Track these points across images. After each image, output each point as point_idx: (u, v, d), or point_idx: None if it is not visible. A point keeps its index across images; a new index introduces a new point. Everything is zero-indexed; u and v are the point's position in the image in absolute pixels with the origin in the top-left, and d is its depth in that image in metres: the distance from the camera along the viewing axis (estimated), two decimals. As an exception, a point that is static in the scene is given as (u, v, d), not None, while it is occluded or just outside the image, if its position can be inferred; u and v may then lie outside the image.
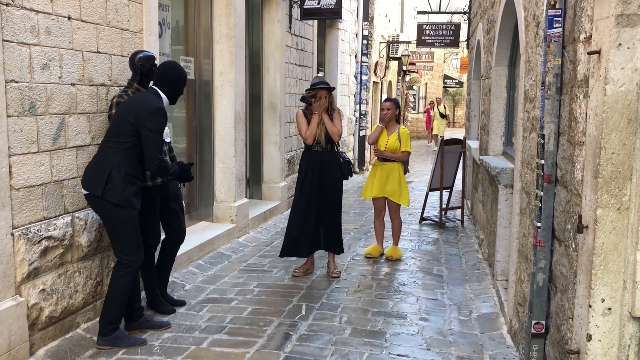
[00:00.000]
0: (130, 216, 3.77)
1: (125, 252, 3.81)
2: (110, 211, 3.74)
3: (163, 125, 3.82)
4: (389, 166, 6.06)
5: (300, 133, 5.52)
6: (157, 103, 3.80)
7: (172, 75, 4.00)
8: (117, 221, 3.77)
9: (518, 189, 4.03)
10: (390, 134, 6.05)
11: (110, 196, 3.68)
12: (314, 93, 5.44)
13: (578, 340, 2.54)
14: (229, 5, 6.41)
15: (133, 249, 3.81)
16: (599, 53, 2.36)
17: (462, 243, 7.06)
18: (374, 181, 6.10)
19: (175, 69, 4.06)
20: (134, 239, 3.80)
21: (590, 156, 2.44)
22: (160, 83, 3.97)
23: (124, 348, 3.80)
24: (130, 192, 3.73)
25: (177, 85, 4.03)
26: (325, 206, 5.49)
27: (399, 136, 6.01)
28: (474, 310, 4.71)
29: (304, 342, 4.00)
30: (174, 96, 4.06)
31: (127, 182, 3.73)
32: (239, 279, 5.40)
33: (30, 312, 3.54)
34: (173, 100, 4.08)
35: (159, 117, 3.75)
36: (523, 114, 3.94)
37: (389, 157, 6.02)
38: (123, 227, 3.77)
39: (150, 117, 3.71)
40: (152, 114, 3.72)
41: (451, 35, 14.28)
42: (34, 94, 3.55)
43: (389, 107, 6.06)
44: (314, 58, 9.94)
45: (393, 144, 6.01)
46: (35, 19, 3.53)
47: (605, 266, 2.38)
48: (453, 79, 32.14)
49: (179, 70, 4.08)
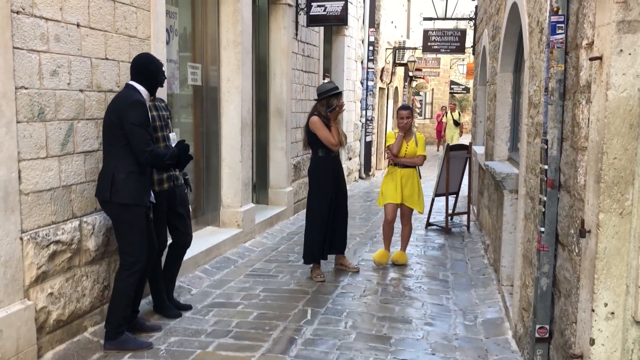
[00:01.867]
0: (137, 215, 3.81)
1: (128, 253, 3.86)
2: (118, 211, 3.82)
3: (144, 116, 3.77)
4: (407, 172, 6.11)
5: (327, 140, 5.58)
6: (133, 96, 3.81)
7: (148, 66, 3.99)
8: (123, 221, 3.83)
9: (523, 194, 4.04)
10: (408, 140, 6.13)
11: (117, 198, 3.77)
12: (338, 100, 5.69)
13: (581, 345, 2.55)
14: (236, 12, 6.46)
15: (136, 250, 3.85)
16: (600, 59, 2.38)
17: (468, 248, 7.06)
18: (394, 187, 6.10)
19: (149, 60, 4.03)
20: (138, 240, 3.84)
21: (592, 161, 2.46)
22: (137, 76, 3.96)
23: (131, 351, 3.83)
24: (136, 190, 3.78)
25: (154, 75, 4.01)
26: (340, 209, 5.77)
27: (416, 142, 6.12)
28: (479, 315, 4.71)
29: (309, 347, 4.02)
30: (152, 87, 4.04)
31: (131, 180, 3.78)
32: (245, 283, 5.43)
33: (39, 315, 3.58)
34: (152, 92, 4.08)
35: (138, 109, 3.75)
36: (527, 120, 3.96)
37: (407, 162, 6.08)
38: (129, 227, 3.83)
39: (129, 110, 3.74)
40: (130, 107, 3.75)
41: (457, 41, 14.30)
42: (43, 100, 3.60)
43: (407, 115, 6.10)
44: (320, 64, 9.99)
45: (412, 151, 6.10)
46: (45, 27, 3.59)
47: (608, 271, 2.39)
48: (460, 85, 32.10)
49: (153, 61, 4.05)
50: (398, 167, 6.10)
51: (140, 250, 3.86)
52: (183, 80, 6.04)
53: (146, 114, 3.81)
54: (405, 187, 6.10)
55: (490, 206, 6.47)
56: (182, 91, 6.08)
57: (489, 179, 6.26)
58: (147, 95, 3.99)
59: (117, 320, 3.85)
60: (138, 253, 3.86)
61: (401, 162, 6.08)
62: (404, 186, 6.09)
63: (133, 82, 3.95)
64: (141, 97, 3.86)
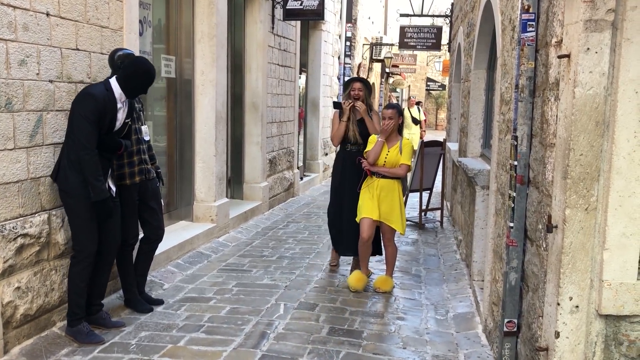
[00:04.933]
0: (80, 205, 3.75)
1: (75, 241, 3.86)
2: (63, 198, 3.81)
3: (93, 112, 3.65)
4: (387, 184, 5.09)
5: (331, 135, 5.62)
6: (91, 89, 3.75)
7: (130, 68, 3.88)
8: (68, 209, 3.83)
9: (494, 190, 4.09)
10: (390, 146, 5.08)
11: (60, 184, 3.77)
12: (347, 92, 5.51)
13: (547, 338, 2.59)
14: (211, 4, 6.41)
15: (80, 240, 3.82)
16: (568, 57, 2.42)
17: (440, 244, 7.13)
18: (370, 201, 5.12)
19: (135, 63, 3.92)
20: (81, 230, 3.81)
21: (560, 157, 2.50)
22: (120, 74, 3.90)
23: (82, 344, 3.81)
24: (76, 180, 3.72)
25: (135, 80, 3.87)
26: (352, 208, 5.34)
27: (400, 149, 5.07)
28: (451, 310, 4.76)
29: (281, 341, 4.02)
30: (128, 89, 3.88)
31: (73, 169, 3.71)
32: (218, 278, 5.40)
33: (5, 310, 3.52)
34: (129, 94, 3.93)
35: (88, 102, 3.66)
36: (499, 116, 4.01)
37: (385, 173, 5.08)
38: (73, 216, 3.81)
39: (80, 101, 3.69)
40: (82, 98, 3.70)
41: (433, 38, 14.39)
42: (10, 90, 3.52)
43: (391, 115, 5.07)
44: (296, 59, 9.97)
45: (393, 158, 5.06)
46: (13, 15, 3.51)
47: (573, 265, 2.44)
48: (436, 82, 32.38)
49: (138, 64, 3.91)
50: (376, 177, 5.12)
51: (85, 240, 3.82)
52: (156, 73, 5.96)
53: (95, 110, 3.66)
54: (384, 202, 5.09)
55: (463, 202, 6.54)
56: (155, 83, 5.96)
57: (462, 175, 6.32)
58: (120, 95, 3.86)
59: (71, 308, 3.87)
60: (83, 243, 3.82)
61: (379, 172, 5.09)
62: (382, 201, 5.09)
63: (111, 80, 3.87)
64: (98, 92, 3.71)
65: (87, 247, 3.83)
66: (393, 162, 5.06)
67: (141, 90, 4.00)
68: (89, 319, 4.00)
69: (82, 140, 3.66)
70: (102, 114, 3.72)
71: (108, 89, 3.81)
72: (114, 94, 3.83)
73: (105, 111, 3.75)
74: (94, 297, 4.06)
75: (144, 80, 3.95)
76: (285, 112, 9.53)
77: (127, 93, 3.92)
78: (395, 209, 5.14)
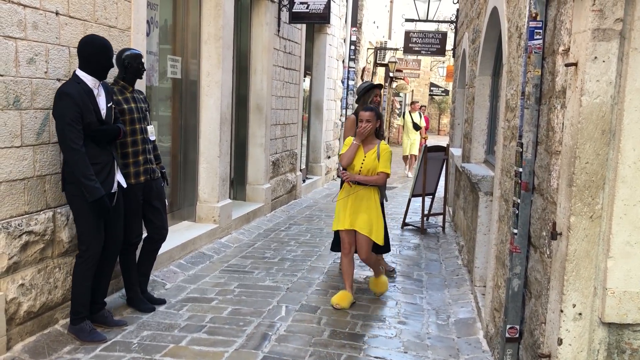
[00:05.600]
0: (86, 206, 3.75)
1: (81, 240, 3.87)
2: (70, 199, 3.83)
3: (67, 109, 3.58)
4: (362, 192, 4.74)
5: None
6: (63, 88, 3.66)
7: (86, 48, 3.73)
8: (75, 209, 3.83)
9: (497, 197, 4.10)
10: (367, 151, 4.73)
11: (67, 189, 3.79)
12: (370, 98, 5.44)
13: (549, 345, 2.60)
14: (218, 6, 6.43)
15: (86, 239, 3.84)
16: (576, 65, 2.43)
17: (442, 249, 7.13)
18: (345, 209, 4.80)
19: (87, 42, 3.76)
20: (87, 230, 3.83)
21: (565, 165, 2.51)
22: (80, 62, 3.76)
23: (84, 343, 3.82)
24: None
25: (95, 57, 3.72)
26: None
27: (378, 154, 4.71)
28: (452, 315, 4.77)
29: (283, 343, 4.03)
30: (96, 70, 3.75)
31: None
32: (220, 279, 5.41)
33: (9, 306, 3.53)
34: (99, 75, 3.79)
35: (60, 102, 3.61)
36: (504, 123, 4.02)
37: (362, 180, 4.71)
38: (79, 216, 3.83)
39: (56, 103, 3.65)
40: (57, 99, 3.65)
41: (438, 43, 14.41)
42: (19, 88, 3.55)
43: (368, 117, 4.71)
44: (301, 62, 9.99)
45: (370, 164, 4.71)
46: (23, 13, 3.53)
47: (577, 272, 2.45)
48: (439, 87, 32.42)
49: (92, 41, 3.76)
50: (352, 184, 4.77)
51: (90, 240, 3.83)
52: (162, 73, 6.00)
53: (74, 106, 3.59)
54: (359, 211, 4.73)
55: (465, 208, 6.55)
56: (161, 84, 6.03)
57: (465, 180, 6.33)
58: (92, 82, 3.74)
59: (74, 306, 3.88)
60: (88, 242, 3.84)
61: (354, 179, 4.72)
62: (357, 210, 4.73)
63: (78, 70, 3.76)
64: (70, 88, 3.64)
65: (92, 246, 3.84)
66: (370, 167, 4.71)
67: (107, 64, 3.82)
68: (92, 318, 4.01)
69: (66, 142, 3.60)
70: (82, 109, 3.63)
71: (79, 81, 3.71)
72: (87, 84, 3.72)
73: (84, 104, 3.64)
74: (96, 296, 4.08)
75: (103, 54, 3.77)
76: (289, 115, 9.56)
77: (97, 75, 3.77)
78: (371, 219, 4.75)
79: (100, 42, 3.80)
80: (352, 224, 4.76)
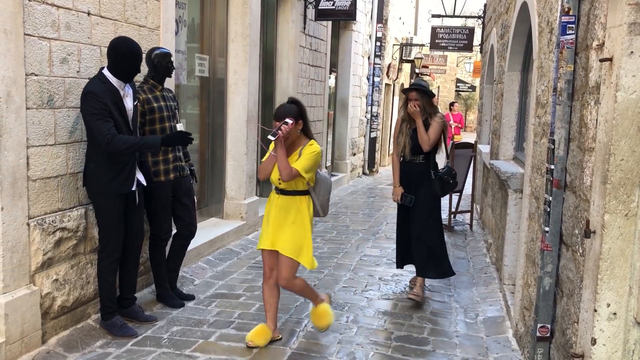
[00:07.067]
0: (107, 202, 3.81)
1: (101, 236, 3.93)
2: (92, 196, 3.89)
3: (93, 106, 3.61)
4: (286, 201, 3.83)
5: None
6: (88, 87, 3.70)
7: (112, 52, 3.76)
8: (96, 206, 3.89)
9: (527, 194, 4.05)
10: (291, 153, 3.80)
11: (88, 185, 3.85)
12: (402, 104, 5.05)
13: (583, 344, 2.56)
14: (245, 4, 6.47)
15: (107, 235, 3.89)
16: (610, 60, 2.38)
17: (470, 247, 7.07)
18: (267, 223, 3.93)
19: (117, 44, 3.79)
20: (108, 227, 3.88)
21: (599, 162, 2.47)
22: (108, 63, 3.79)
23: (116, 337, 3.89)
24: (104, 179, 3.78)
25: (120, 62, 3.75)
26: (417, 224, 4.94)
27: (300, 155, 3.77)
28: (480, 314, 4.73)
29: (310, 339, 4.05)
30: (122, 72, 3.77)
31: (100, 170, 3.77)
32: (247, 275, 5.45)
33: (43, 301, 3.61)
34: (124, 77, 3.80)
35: (88, 100, 3.64)
36: (534, 119, 3.96)
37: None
38: (100, 213, 3.88)
39: (82, 103, 3.70)
40: (83, 99, 3.69)
41: (465, 39, 14.26)
42: (52, 87, 3.62)
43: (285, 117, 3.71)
44: (327, 59, 9.99)
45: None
46: (56, 14, 3.60)
47: (611, 271, 2.40)
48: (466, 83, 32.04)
49: (118, 47, 3.77)
50: (276, 192, 3.91)
51: (111, 236, 3.89)
52: (190, 72, 6.05)
53: (98, 102, 3.61)
54: (283, 226, 3.82)
55: (493, 205, 6.47)
56: (189, 82, 6.09)
57: (494, 178, 6.26)
58: (118, 83, 3.76)
59: (103, 301, 3.96)
60: (108, 238, 3.89)
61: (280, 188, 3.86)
62: (280, 224, 3.83)
63: (105, 70, 3.79)
64: (94, 87, 3.67)
65: (112, 242, 3.90)
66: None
67: (131, 70, 3.83)
68: (122, 312, 4.08)
69: (99, 134, 3.63)
70: (106, 105, 3.66)
71: (104, 81, 3.73)
72: (112, 84, 3.75)
73: (108, 102, 3.67)
74: (124, 290, 4.14)
75: (128, 60, 3.78)
76: (315, 112, 9.56)
77: (122, 77, 3.79)
78: (295, 236, 3.81)
79: (127, 48, 3.77)
80: (274, 242, 3.84)
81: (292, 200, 3.83)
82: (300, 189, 3.83)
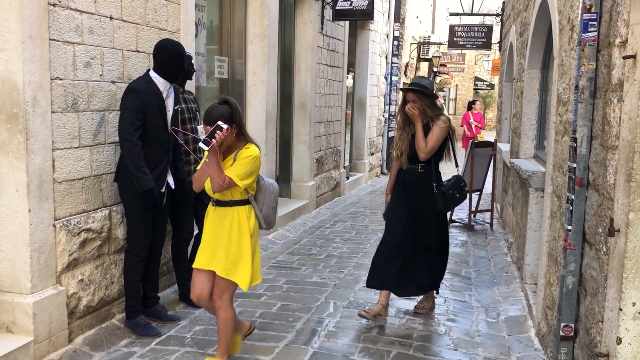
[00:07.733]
0: (136, 200, 3.85)
1: (129, 235, 4.01)
2: (122, 194, 3.96)
3: (133, 103, 3.71)
4: (221, 214, 3.35)
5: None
6: (133, 83, 3.84)
7: (162, 51, 3.89)
8: (126, 204, 3.96)
9: (549, 193, 4.02)
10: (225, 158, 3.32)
11: (119, 181, 3.92)
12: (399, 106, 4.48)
13: (608, 344, 2.54)
14: (263, 6, 6.51)
15: (134, 234, 3.96)
16: (634, 57, 2.36)
17: (491, 246, 7.03)
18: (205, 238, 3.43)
19: (164, 45, 3.93)
20: (135, 225, 3.95)
21: (623, 160, 2.45)
22: (154, 64, 3.95)
23: (140, 337, 3.94)
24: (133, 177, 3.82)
25: (168, 61, 3.88)
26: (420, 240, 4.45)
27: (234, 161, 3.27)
28: (502, 313, 4.70)
29: (332, 339, 4.06)
30: (168, 73, 3.90)
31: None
32: (268, 275, 5.48)
33: (70, 301, 3.68)
34: (171, 78, 3.93)
35: (127, 95, 3.76)
36: (555, 117, 3.93)
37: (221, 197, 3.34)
38: (129, 210, 3.95)
39: (124, 96, 3.79)
40: (126, 93, 3.79)
41: (483, 37, 14.17)
42: (76, 91, 3.68)
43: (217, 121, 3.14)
44: (344, 59, 10.00)
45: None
46: (80, 19, 3.67)
47: (636, 270, 2.38)
48: (484, 81, 31.80)
49: (164, 48, 3.90)
50: (212, 204, 3.40)
51: (138, 235, 3.95)
52: (210, 73, 6.11)
53: (137, 101, 3.72)
54: (219, 243, 3.33)
55: (514, 204, 6.43)
56: (209, 84, 6.15)
57: (514, 176, 6.22)
58: (163, 84, 3.88)
59: (128, 300, 4.02)
60: (136, 237, 3.95)
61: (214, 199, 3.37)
62: (216, 240, 3.35)
63: (151, 71, 3.92)
64: (139, 85, 3.78)
65: (140, 241, 3.95)
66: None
67: (178, 68, 3.96)
68: (146, 312, 4.13)
69: (122, 130, 3.74)
70: (145, 104, 3.75)
71: (149, 81, 3.85)
72: (157, 85, 3.87)
73: (148, 102, 3.77)
74: (147, 290, 4.20)
75: (176, 60, 3.93)
76: (333, 112, 9.58)
77: (169, 78, 3.92)
78: (232, 252, 3.32)
79: (172, 48, 3.93)
80: (209, 261, 3.36)
81: (228, 212, 3.32)
82: (237, 199, 3.32)
